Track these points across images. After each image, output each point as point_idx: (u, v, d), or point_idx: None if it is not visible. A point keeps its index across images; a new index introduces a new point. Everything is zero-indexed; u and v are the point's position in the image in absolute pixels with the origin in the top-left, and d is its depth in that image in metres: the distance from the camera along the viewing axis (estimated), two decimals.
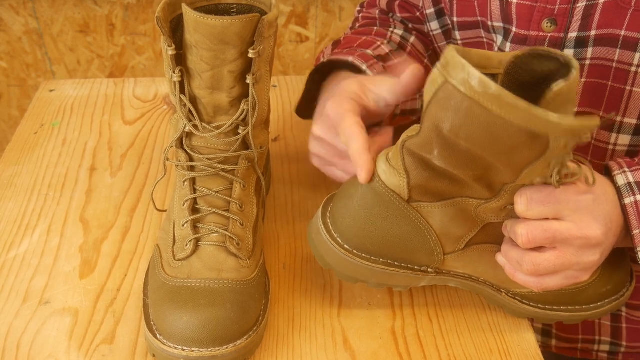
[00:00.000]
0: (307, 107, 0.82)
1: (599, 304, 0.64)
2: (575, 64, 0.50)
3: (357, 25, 0.91)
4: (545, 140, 0.48)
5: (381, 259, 0.62)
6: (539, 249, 0.57)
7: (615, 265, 0.64)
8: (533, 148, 0.49)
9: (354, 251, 0.62)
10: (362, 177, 0.59)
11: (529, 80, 0.54)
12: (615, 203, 0.59)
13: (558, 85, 0.50)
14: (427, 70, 0.85)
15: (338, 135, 0.65)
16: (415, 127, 0.55)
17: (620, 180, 0.60)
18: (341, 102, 0.64)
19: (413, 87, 0.64)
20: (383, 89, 0.66)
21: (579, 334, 0.84)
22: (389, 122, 0.78)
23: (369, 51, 0.78)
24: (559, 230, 0.55)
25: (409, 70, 0.64)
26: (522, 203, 0.55)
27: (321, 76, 0.79)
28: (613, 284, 0.64)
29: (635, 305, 0.79)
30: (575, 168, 0.54)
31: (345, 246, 0.62)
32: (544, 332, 0.86)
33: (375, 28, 0.87)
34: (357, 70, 0.75)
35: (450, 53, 0.47)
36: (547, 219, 0.56)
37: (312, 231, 0.65)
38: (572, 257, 0.56)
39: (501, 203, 0.56)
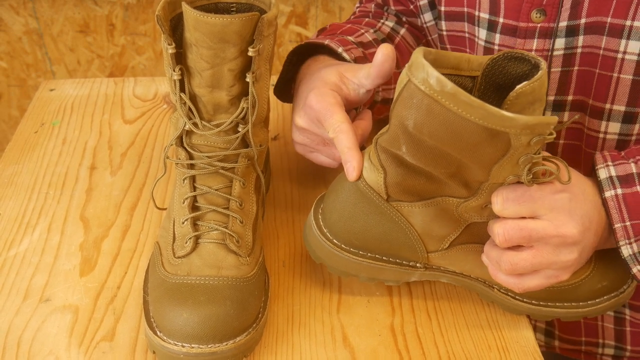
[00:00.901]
0: (284, 89, 0.82)
1: (596, 300, 0.64)
2: (543, 65, 0.51)
3: (352, 17, 0.92)
4: (506, 137, 0.49)
5: (368, 254, 0.63)
6: (516, 248, 0.57)
7: (611, 261, 0.64)
8: (495, 145, 0.50)
9: (342, 246, 0.63)
10: (353, 175, 0.60)
11: (505, 82, 0.55)
12: (595, 202, 0.59)
13: (521, 86, 0.51)
14: None
15: (322, 127, 0.65)
16: (388, 125, 0.56)
17: (602, 174, 0.61)
18: (324, 94, 0.65)
19: (386, 66, 0.64)
20: (360, 75, 0.66)
21: (581, 336, 0.83)
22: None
23: (350, 38, 0.78)
24: (534, 229, 0.56)
25: (379, 51, 0.64)
26: (498, 203, 0.56)
27: (299, 58, 0.79)
28: (609, 280, 0.64)
29: (638, 306, 0.79)
30: (551, 167, 0.54)
31: (334, 241, 0.63)
32: (547, 333, 0.86)
33: (367, 19, 0.87)
34: (334, 53, 0.75)
35: (415, 54, 0.49)
36: (523, 217, 0.56)
37: (306, 227, 0.66)
38: (550, 256, 0.57)
39: (480, 202, 0.57)
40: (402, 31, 0.87)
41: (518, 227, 0.56)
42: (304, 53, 0.78)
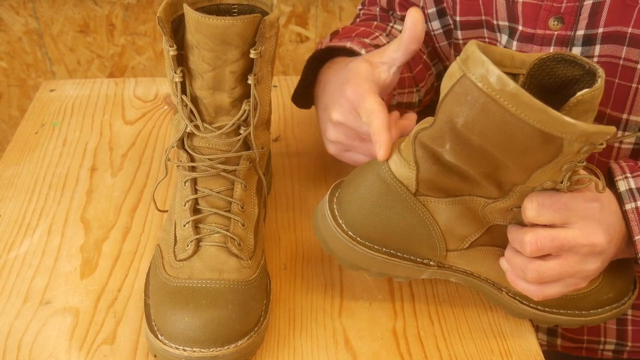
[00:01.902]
0: (303, 95, 0.81)
1: (598, 310, 0.64)
2: (601, 72, 0.50)
3: (358, 20, 0.91)
4: (559, 143, 0.48)
5: (384, 249, 0.61)
6: (543, 256, 0.57)
7: (619, 274, 0.64)
8: (546, 150, 0.49)
9: (358, 239, 0.61)
10: (381, 154, 0.59)
11: (551, 84, 0.54)
12: (619, 213, 0.59)
13: (582, 93, 0.50)
14: (426, 67, 0.85)
15: (358, 118, 0.65)
16: (429, 119, 0.54)
17: (622, 186, 0.60)
18: (359, 83, 0.64)
19: (419, 28, 0.63)
20: (389, 51, 0.66)
21: (584, 335, 0.84)
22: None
23: (367, 40, 0.78)
24: (566, 239, 0.55)
25: (409, 15, 0.63)
26: (533, 209, 0.55)
27: (318, 63, 0.78)
28: (615, 292, 0.64)
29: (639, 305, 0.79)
30: (585, 175, 0.54)
31: (350, 233, 0.61)
32: (550, 331, 0.86)
33: (375, 22, 0.87)
34: (355, 56, 0.74)
35: (471, 48, 0.47)
36: (553, 225, 0.56)
37: (318, 216, 0.64)
38: (576, 265, 0.56)
39: (509, 204, 0.56)
40: None
41: (550, 237, 0.55)
42: (321, 57, 0.78)
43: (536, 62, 0.53)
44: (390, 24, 0.87)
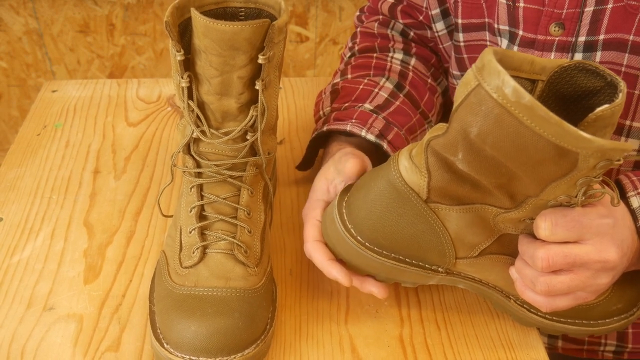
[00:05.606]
0: (305, 166, 0.83)
1: (607, 320, 0.63)
2: (623, 86, 0.49)
3: (356, 48, 0.89)
4: (574, 158, 0.47)
5: (392, 254, 0.61)
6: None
7: (628, 284, 0.64)
8: (560, 164, 0.48)
9: (367, 244, 0.61)
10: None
11: (570, 93, 0.53)
12: (632, 228, 0.59)
13: (602, 109, 0.49)
14: (432, 92, 0.84)
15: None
16: (442, 125, 0.54)
17: (635, 202, 0.60)
18: (307, 219, 0.67)
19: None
20: (346, 172, 0.67)
21: (585, 337, 0.84)
22: None
23: (367, 105, 0.77)
24: (579, 255, 0.55)
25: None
26: (547, 228, 0.54)
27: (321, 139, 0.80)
28: (624, 302, 0.64)
29: None
30: (599, 189, 0.53)
31: (359, 238, 0.61)
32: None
33: (374, 61, 0.85)
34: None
35: (487, 56, 0.46)
36: (567, 242, 0.55)
37: (327, 219, 0.64)
38: (587, 280, 0.56)
39: (521, 215, 0.55)
40: (413, 62, 0.86)
41: (563, 254, 0.55)
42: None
43: (557, 70, 0.52)
44: (390, 55, 0.86)
